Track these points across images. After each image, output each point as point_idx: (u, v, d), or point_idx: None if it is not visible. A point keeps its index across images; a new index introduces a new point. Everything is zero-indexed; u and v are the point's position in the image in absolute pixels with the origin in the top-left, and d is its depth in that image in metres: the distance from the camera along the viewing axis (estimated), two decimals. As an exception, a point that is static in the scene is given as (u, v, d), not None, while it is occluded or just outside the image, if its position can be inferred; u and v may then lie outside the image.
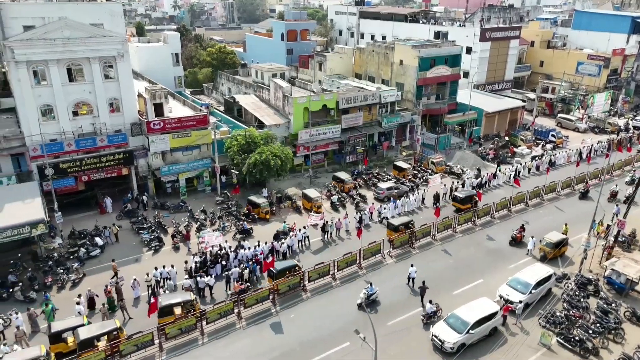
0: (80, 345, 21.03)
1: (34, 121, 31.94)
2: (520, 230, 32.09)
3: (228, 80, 55.10)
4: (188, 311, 23.48)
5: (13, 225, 26.67)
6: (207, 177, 39.84)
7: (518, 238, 31.69)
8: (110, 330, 21.88)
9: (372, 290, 25.60)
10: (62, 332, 21.86)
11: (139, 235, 32.37)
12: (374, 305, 25.60)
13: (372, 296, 25.52)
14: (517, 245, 31.50)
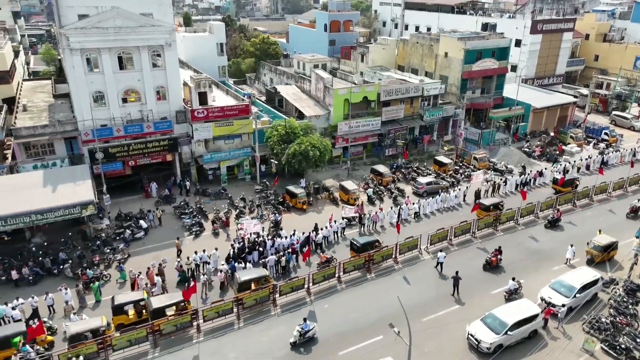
0: (152, 313, 22.33)
1: (86, 107, 33.44)
2: (495, 254, 28.25)
3: (270, 71, 55.56)
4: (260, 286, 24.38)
5: (65, 206, 28.10)
6: (247, 166, 40.52)
7: (493, 262, 27.80)
8: (178, 301, 23.07)
9: (307, 326, 22.18)
10: (124, 304, 23.11)
11: (180, 220, 33.39)
12: (309, 345, 22.37)
13: (308, 333, 22.15)
14: (492, 271, 27.81)
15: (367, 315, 24.29)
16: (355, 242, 29.00)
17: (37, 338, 21.21)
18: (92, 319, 22.37)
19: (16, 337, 20.50)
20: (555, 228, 32.88)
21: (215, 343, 22.48)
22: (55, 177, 30.39)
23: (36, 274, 26.67)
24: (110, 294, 25.07)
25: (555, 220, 32.92)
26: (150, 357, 21.59)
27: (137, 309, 23.26)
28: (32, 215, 27.14)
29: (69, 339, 20.87)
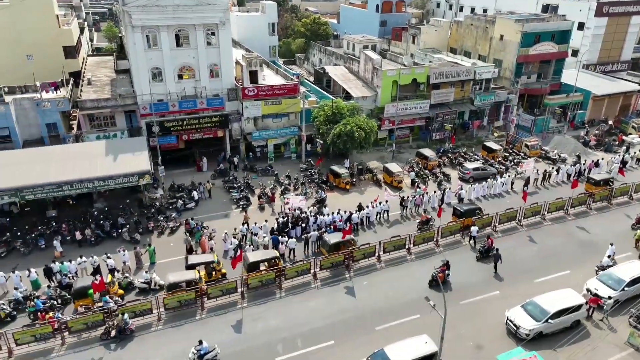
0: (249, 266, 24.59)
1: (145, 82, 35.22)
2: (442, 269, 25.39)
3: (320, 51, 55.80)
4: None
5: (124, 174, 30.04)
6: (294, 145, 41.37)
7: (440, 278, 24.43)
8: (271, 257, 25.40)
9: (205, 349, 20.18)
10: (196, 264, 24.96)
11: (229, 194, 34.84)
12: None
13: (207, 356, 20.20)
14: (437, 287, 24.14)
15: (405, 294, 24.65)
16: (458, 208, 31.03)
17: (110, 291, 23.30)
18: (187, 272, 24.41)
19: (91, 289, 22.57)
20: (488, 259, 27.34)
21: (258, 309, 23.66)
22: (116, 148, 32.41)
23: (97, 236, 28.89)
24: (164, 258, 26.89)
25: (487, 249, 27.44)
26: (198, 317, 23.07)
27: (207, 269, 24.92)
28: (95, 182, 29.25)
29: (167, 287, 23.26)
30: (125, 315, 21.58)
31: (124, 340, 21.44)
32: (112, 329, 21.38)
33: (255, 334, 22.02)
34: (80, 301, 22.82)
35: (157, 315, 22.76)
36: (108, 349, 21.03)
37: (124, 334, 21.46)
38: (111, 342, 21.32)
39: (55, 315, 21.84)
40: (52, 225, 29.42)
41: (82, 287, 22.84)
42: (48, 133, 33.49)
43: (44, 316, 21.74)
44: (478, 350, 21.27)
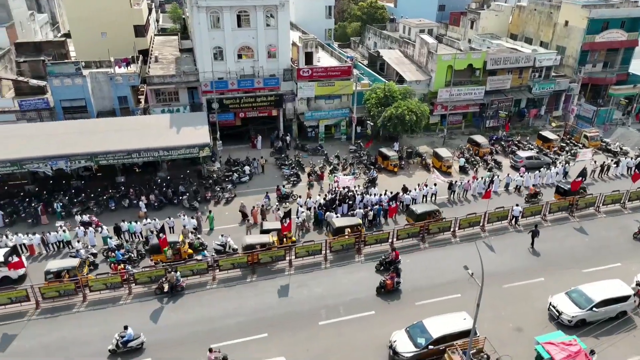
0: (334, 231, 26.85)
1: (207, 60, 37.19)
2: (391, 276, 23.94)
3: (375, 35, 55.91)
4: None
5: (186, 145, 32.16)
6: (344, 126, 42.24)
7: (388, 285, 23.64)
8: (355, 224, 27.07)
9: (130, 336, 20.00)
10: (270, 230, 26.95)
11: (280, 170, 36.39)
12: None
13: (130, 343, 19.93)
14: (384, 296, 23.54)
15: (447, 274, 25.13)
16: (561, 186, 31.95)
17: (180, 250, 25.60)
18: (263, 236, 26.52)
19: (166, 246, 24.77)
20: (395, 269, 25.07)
21: (304, 277, 25.06)
22: (179, 121, 34.64)
23: (160, 202, 31.32)
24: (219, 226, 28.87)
25: (390, 261, 25.36)
26: (249, 280, 24.80)
27: (279, 235, 26.75)
28: (160, 151, 31.57)
29: (244, 247, 25.36)
30: (177, 273, 23.61)
31: (175, 295, 23.48)
32: (165, 284, 23.48)
33: (300, 299, 23.42)
34: (155, 256, 25.17)
35: (212, 275, 24.68)
36: (161, 302, 23.15)
37: (176, 290, 23.52)
38: (164, 296, 23.41)
39: (126, 267, 24.27)
40: (121, 190, 32.20)
41: (156, 244, 25.12)
42: (119, 105, 36.35)
43: (116, 267, 24.23)
44: (517, 332, 21.56)
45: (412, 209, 29.31)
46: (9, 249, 24.40)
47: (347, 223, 27.33)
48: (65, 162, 29.87)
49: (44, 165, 29.64)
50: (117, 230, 27.43)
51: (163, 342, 20.72)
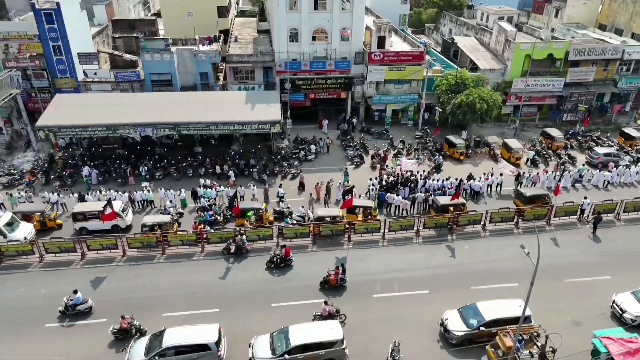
0: (438, 209, 28.01)
1: (283, 41, 38.74)
2: (336, 272, 23.20)
3: (451, 21, 54.76)
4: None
5: (259, 121, 34.06)
6: (412, 112, 42.29)
7: (331, 281, 23.04)
8: (458, 203, 27.91)
9: (78, 299, 20.76)
10: (357, 207, 27.87)
11: (345, 151, 37.43)
12: (83, 316, 21.35)
13: (79, 306, 20.76)
14: (328, 291, 22.95)
15: (506, 262, 24.99)
16: None
17: (263, 215, 27.54)
18: (333, 209, 28.37)
19: (249, 211, 27.00)
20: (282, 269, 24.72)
21: (361, 253, 26.09)
22: (253, 98, 36.58)
23: (233, 172, 33.55)
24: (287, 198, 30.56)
25: (282, 259, 24.58)
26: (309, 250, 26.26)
27: (365, 213, 28.02)
28: (235, 125, 33.73)
29: (315, 218, 26.81)
30: (243, 237, 25.51)
31: (240, 257, 25.41)
32: (232, 245, 25.44)
33: (356, 272, 24.44)
34: (239, 220, 27.29)
35: (276, 242, 26.39)
36: (227, 262, 25.19)
37: (241, 252, 25.45)
38: (229, 256, 25.43)
39: (205, 227, 26.57)
40: (198, 159, 34.85)
41: (243, 208, 27.28)
42: (200, 81, 39.01)
43: (197, 226, 26.61)
44: (575, 325, 21.23)
45: (521, 191, 29.45)
46: (121, 201, 27.93)
47: (451, 202, 27.95)
48: (152, 129, 32.87)
49: (134, 132, 32.82)
50: (194, 195, 29.95)
51: (229, 296, 22.70)
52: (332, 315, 20.65)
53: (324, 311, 20.58)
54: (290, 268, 24.65)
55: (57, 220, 27.68)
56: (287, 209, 28.63)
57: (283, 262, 24.52)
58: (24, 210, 27.58)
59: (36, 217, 27.09)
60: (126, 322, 19.88)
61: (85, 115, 32.98)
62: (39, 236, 26.22)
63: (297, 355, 18.42)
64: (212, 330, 18.90)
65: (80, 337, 20.19)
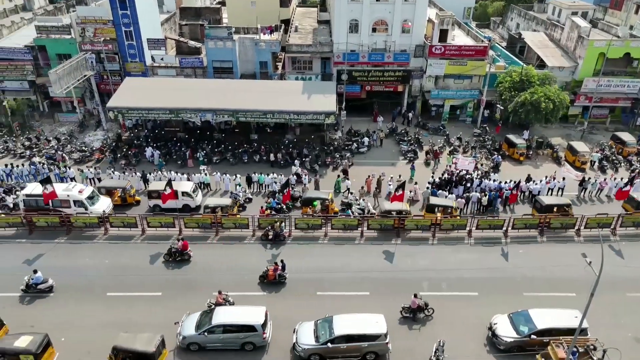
0: (541, 209, 27.34)
1: (342, 33, 38.64)
2: (275, 268, 22.84)
3: (519, 16, 52.30)
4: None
5: (314, 112, 34.29)
6: (471, 108, 40.98)
7: (269, 276, 22.70)
8: (564, 204, 27.36)
9: (38, 279, 21.49)
10: (436, 206, 27.46)
11: (398, 145, 36.96)
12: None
13: (40, 285, 21.52)
14: (267, 286, 22.73)
15: (564, 270, 23.84)
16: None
17: (329, 205, 27.69)
18: (399, 203, 27.14)
19: (315, 200, 27.41)
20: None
21: (411, 249, 25.78)
22: (310, 89, 36.83)
23: (286, 161, 34.14)
24: (335, 188, 30.70)
25: (178, 251, 24.09)
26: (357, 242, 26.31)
27: (445, 212, 27.25)
28: (290, 114, 34.19)
29: (382, 212, 27.00)
30: (282, 224, 25.99)
31: (277, 243, 25.89)
32: (270, 232, 25.94)
33: (404, 268, 24.27)
34: (305, 208, 27.80)
35: (325, 232, 26.65)
36: (264, 247, 25.76)
37: (279, 239, 25.93)
38: (267, 243, 25.96)
39: (272, 213, 27.27)
40: (254, 146, 35.70)
41: (309, 197, 27.83)
42: (259, 69, 39.82)
43: (264, 211, 27.34)
44: (636, 342, 19.99)
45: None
46: (192, 182, 29.25)
47: (557, 202, 27.38)
48: (212, 115, 34.03)
49: (195, 116, 34.11)
50: (249, 180, 30.78)
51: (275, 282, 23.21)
52: (421, 309, 20.78)
53: (412, 304, 20.65)
54: (188, 263, 24.22)
55: (136, 197, 29.27)
56: (355, 202, 28.61)
57: (180, 255, 24.18)
58: (107, 185, 29.30)
59: (117, 193, 28.80)
60: (221, 298, 20.84)
61: (151, 98, 34.64)
62: (119, 211, 27.83)
63: (340, 345, 18.62)
64: (259, 313, 19.47)
65: (138, 307, 21.45)
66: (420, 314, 20.89)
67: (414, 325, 20.67)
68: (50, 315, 20.63)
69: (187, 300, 21.58)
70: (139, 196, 29.65)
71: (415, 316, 20.82)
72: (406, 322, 20.82)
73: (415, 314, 20.81)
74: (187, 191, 28.06)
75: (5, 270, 23.23)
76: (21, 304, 21.40)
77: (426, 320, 20.96)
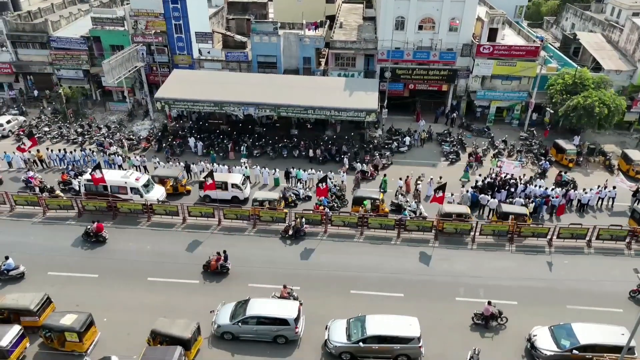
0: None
1: (388, 30, 38.14)
2: (217, 258, 23.06)
3: (575, 15, 49.95)
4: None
5: (355, 109, 34.07)
6: (518, 111, 39.58)
7: (212, 267, 23.08)
8: None
9: (10, 265, 22.41)
10: (509, 214, 26.34)
11: (440, 146, 36.20)
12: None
13: (12, 271, 22.40)
14: (209, 275, 23.00)
15: (612, 285, 22.71)
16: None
17: (379, 206, 27.46)
18: (460, 206, 27.80)
19: (365, 200, 27.26)
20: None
21: (448, 253, 25.24)
22: (352, 86, 36.61)
23: (324, 157, 34.15)
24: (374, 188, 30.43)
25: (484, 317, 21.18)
26: (392, 242, 26.02)
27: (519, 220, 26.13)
28: (331, 111, 34.14)
29: (442, 214, 26.26)
30: (303, 220, 26.03)
31: (297, 239, 25.93)
32: (291, 229, 26.00)
33: (439, 271, 23.79)
34: (355, 207, 27.45)
35: (360, 231, 26.50)
36: (284, 242, 25.86)
37: (298, 235, 25.98)
38: (287, 238, 26.02)
39: (325, 210, 27.23)
40: (294, 141, 35.91)
41: (360, 196, 27.53)
42: (303, 65, 39.97)
43: (318, 207, 27.41)
44: (688, 367, 18.75)
45: None
46: (242, 175, 29.58)
47: None
48: (254, 109, 34.48)
49: (238, 110, 34.67)
50: (287, 175, 31.03)
51: (311, 277, 23.32)
52: (495, 316, 20.37)
53: (486, 311, 20.26)
54: (104, 243, 24.95)
55: (187, 186, 30.00)
56: (406, 203, 28.19)
57: (95, 237, 24.97)
58: (160, 174, 30.16)
59: (169, 182, 29.68)
60: (286, 292, 21.00)
61: (197, 90, 35.47)
62: (170, 199, 28.57)
63: (372, 345, 18.50)
64: (292, 307, 19.62)
65: (176, 292, 22.10)
66: (493, 322, 20.33)
67: (447, 330, 20.26)
68: (95, 296, 21.58)
69: (223, 290, 22.06)
70: (189, 186, 30.36)
71: (487, 324, 20.28)
72: (440, 326, 20.43)
73: (488, 322, 20.25)
74: (236, 183, 28.56)
75: (54, 250, 24.54)
76: (69, 284, 22.50)
77: (463, 326, 20.50)
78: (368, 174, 31.78)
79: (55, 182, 30.05)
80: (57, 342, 18.61)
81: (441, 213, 26.49)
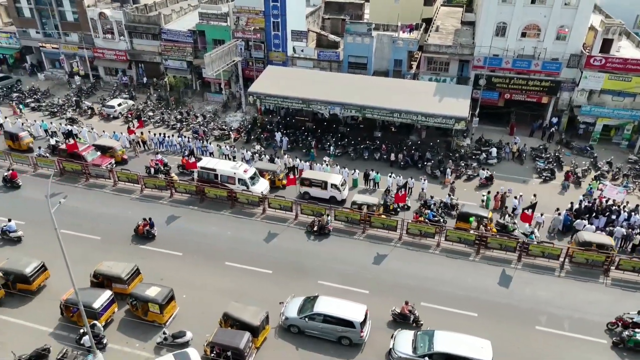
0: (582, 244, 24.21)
1: (487, 35, 36.36)
2: (145, 224, 25.16)
3: None
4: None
5: (443, 115, 32.96)
6: (629, 131, 35.80)
7: (139, 231, 25.61)
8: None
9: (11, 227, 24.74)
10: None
11: (534, 162, 33.82)
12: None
13: (12, 233, 24.75)
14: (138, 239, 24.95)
15: None
16: None
17: (488, 224, 26.14)
18: None
19: (472, 216, 25.88)
20: None
21: (531, 276, 23.54)
22: (443, 91, 35.46)
23: (406, 162, 33.46)
24: (455, 198, 29.30)
25: None
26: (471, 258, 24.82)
27: None
28: (418, 116, 33.36)
29: (581, 243, 24.06)
30: (328, 217, 25.98)
31: (321, 235, 26.02)
32: (316, 225, 25.97)
33: (520, 295, 22.29)
34: (459, 223, 26.10)
35: (437, 242, 25.63)
36: (308, 237, 25.99)
37: (323, 231, 25.99)
38: (312, 234, 26.11)
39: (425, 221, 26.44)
40: (376, 144, 35.66)
41: (467, 212, 26.12)
42: (393, 67, 39.45)
43: (417, 217, 26.71)
44: None
45: None
46: (341, 176, 29.78)
47: None
48: (340, 109, 34.76)
49: (324, 108, 35.16)
50: (366, 177, 30.88)
51: (381, 282, 23.02)
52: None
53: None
54: None
55: (283, 181, 30.56)
56: (513, 225, 26.36)
57: (10, 182, 28.39)
58: (259, 167, 31.16)
59: (267, 176, 30.69)
60: (407, 309, 20.51)
61: (287, 87, 36.53)
62: None
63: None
64: (360, 310, 19.51)
65: (250, 280, 23.01)
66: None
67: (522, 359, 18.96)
68: (178, 273, 23.17)
69: (293, 283, 22.55)
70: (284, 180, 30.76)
71: None
72: (515, 355, 19.13)
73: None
74: (336, 184, 28.88)
75: (170, 230, 26.53)
76: (154, 259, 24.35)
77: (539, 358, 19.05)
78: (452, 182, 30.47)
79: (175, 165, 32.27)
80: (140, 311, 20.24)
81: (578, 241, 24.38)
